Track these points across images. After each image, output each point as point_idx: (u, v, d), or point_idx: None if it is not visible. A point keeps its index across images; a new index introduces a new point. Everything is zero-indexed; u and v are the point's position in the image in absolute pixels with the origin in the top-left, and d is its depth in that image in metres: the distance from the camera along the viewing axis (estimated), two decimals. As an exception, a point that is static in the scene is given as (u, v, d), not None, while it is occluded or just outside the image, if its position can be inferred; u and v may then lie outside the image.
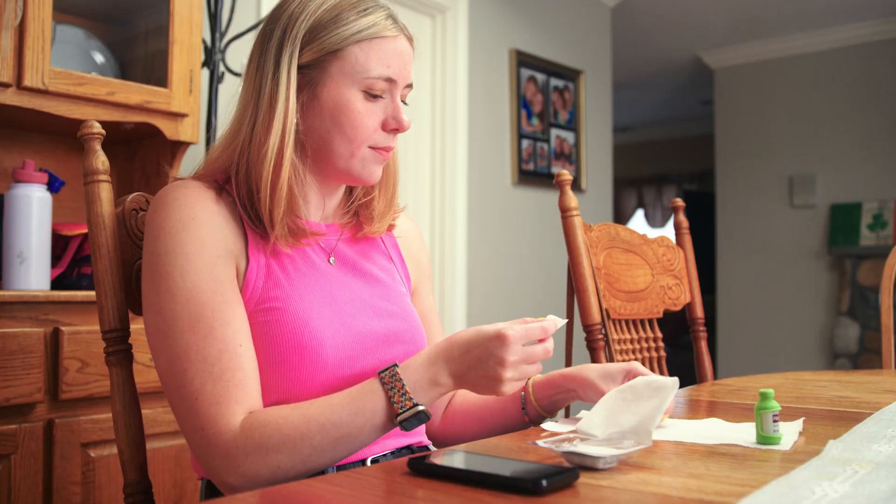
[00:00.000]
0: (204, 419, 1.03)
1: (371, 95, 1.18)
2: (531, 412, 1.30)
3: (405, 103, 1.24)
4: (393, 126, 1.21)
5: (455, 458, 0.87)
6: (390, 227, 1.36)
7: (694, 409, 1.37)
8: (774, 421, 1.02)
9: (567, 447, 0.89)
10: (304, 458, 1.02)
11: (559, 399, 1.28)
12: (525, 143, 4.44)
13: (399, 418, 1.02)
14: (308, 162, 1.21)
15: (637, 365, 1.22)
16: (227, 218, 1.14)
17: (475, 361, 1.04)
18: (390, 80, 1.19)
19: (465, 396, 1.41)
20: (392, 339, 1.22)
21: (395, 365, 1.06)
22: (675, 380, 0.96)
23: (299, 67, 1.17)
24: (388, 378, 1.04)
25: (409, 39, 1.24)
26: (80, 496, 1.87)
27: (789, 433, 1.07)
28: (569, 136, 4.77)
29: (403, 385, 1.03)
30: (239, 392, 1.04)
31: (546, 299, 4.53)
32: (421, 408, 1.02)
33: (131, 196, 1.26)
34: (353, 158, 1.19)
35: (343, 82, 1.17)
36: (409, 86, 1.24)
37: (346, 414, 1.03)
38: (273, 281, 1.14)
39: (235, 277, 1.12)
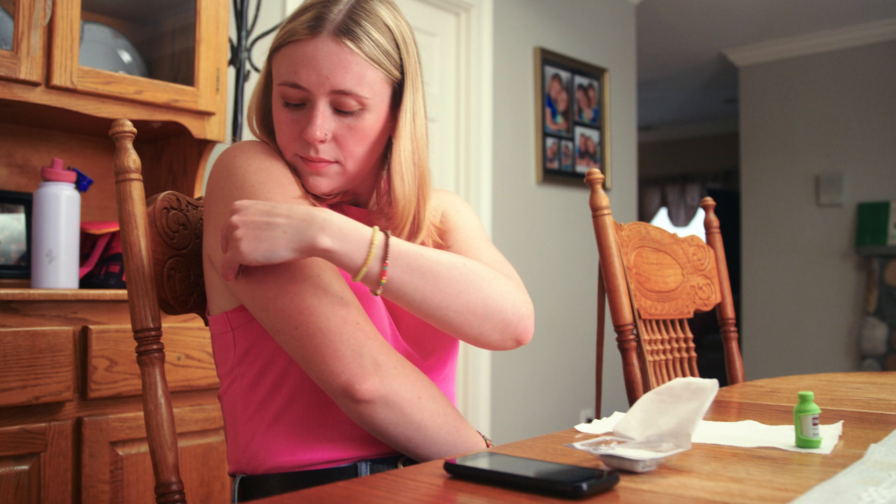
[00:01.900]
0: (358, 314, 1.06)
1: (289, 104, 1.16)
2: None
3: (341, 111, 1.15)
4: (304, 136, 1.15)
5: (492, 460, 0.86)
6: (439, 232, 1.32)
7: (725, 411, 1.35)
8: (814, 424, 1.00)
9: (604, 450, 0.88)
10: (441, 412, 1.09)
11: None
12: (549, 141, 4.42)
13: None
14: None
15: None
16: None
17: None
18: (299, 88, 1.14)
19: None
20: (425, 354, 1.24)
21: None
22: (715, 382, 0.94)
23: (269, 70, 1.22)
24: None
25: (337, 39, 1.12)
26: (108, 494, 1.87)
27: (829, 436, 1.05)
28: (593, 135, 4.74)
29: None
30: None
31: (571, 298, 4.51)
32: None
33: (162, 195, 1.26)
34: (291, 165, 1.20)
35: (274, 88, 1.19)
36: (343, 92, 1.13)
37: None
38: None
39: None
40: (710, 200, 2.00)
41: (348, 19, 1.13)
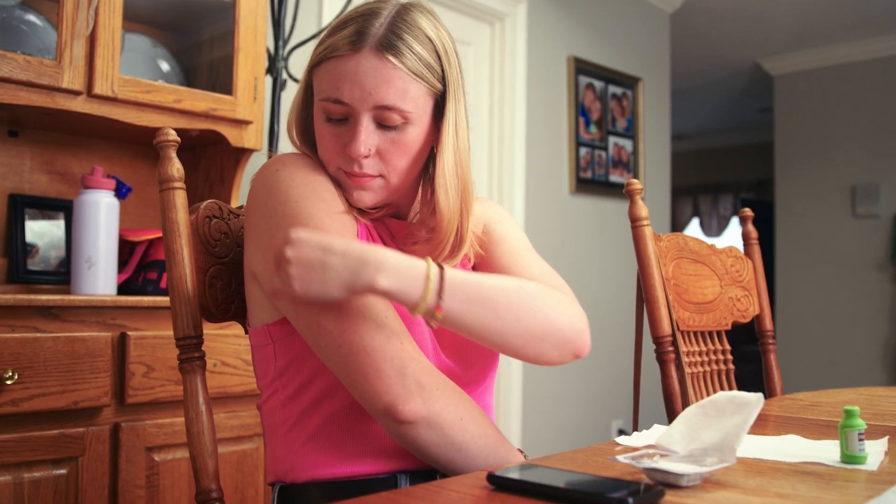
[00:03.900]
0: (402, 335, 1.07)
1: (331, 119, 1.16)
2: None
3: (385, 126, 1.15)
4: (347, 151, 1.15)
5: (535, 472, 0.86)
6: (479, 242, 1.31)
7: (765, 424, 1.34)
8: (860, 440, 0.99)
9: (648, 463, 0.87)
10: (482, 433, 1.08)
11: None
12: (583, 150, 4.41)
13: None
14: None
15: None
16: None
17: None
18: (341, 103, 1.13)
19: None
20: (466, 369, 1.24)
21: None
22: (760, 396, 0.93)
23: (309, 83, 1.23)
24: None
25: (379, 55, 1.11)
26: (144, 500, 1.88)
27: (875, 452, 1.04)
28: (627, 144, 4.72)
29: None
30: None
31: (604, 308, 4.49)
32: None
33: (205, 203, 1.27)
34: (334, 179, 1.20)
35: (315, 103, 1.18)
36: (386, 107, 1.13)
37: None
38: None
39: None
40: (748, 211, 1.98)
41: (390, 33, 1.13)
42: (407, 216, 1.29)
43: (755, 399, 0.93)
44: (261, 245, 1.13)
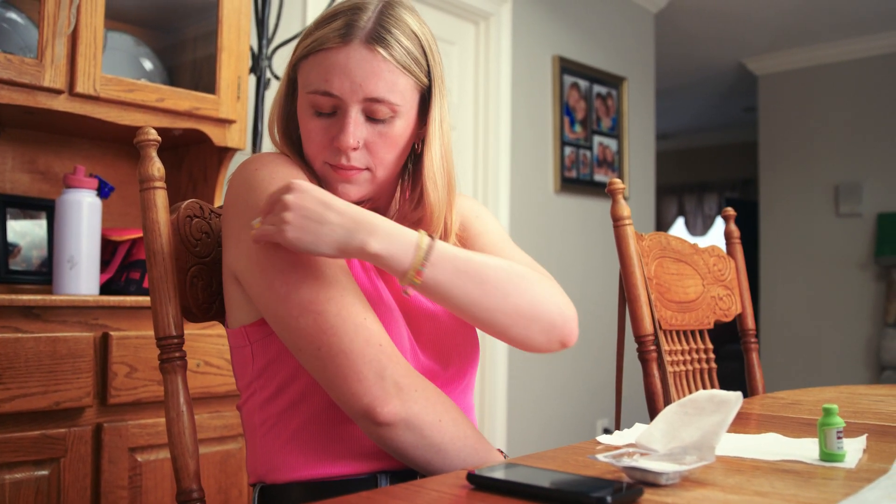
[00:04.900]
0: (381, 336, 1.05)
1: (319, 112, 1.15)
2: None
3: (373, 119, 1.15)
4: (335, 143, 1.15)
5: (515, 471, 0.86)
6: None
7: (746, 423, 1.34)
8: (839, 437, 1.00)
9: (628, 462, 0.87)
10: (461, 435, 1.07)
11: None
12: (568, 150, 4.42)
13: None
14: None
15: None
16: None
17: None
18: (330, 95, 1.13)
19: None
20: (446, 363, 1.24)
21: None
22: (739, 394, 0.94)
23: (292, 78, 1.22)
24: None
25: (369, 47, 1.12)
26: (127, 500, 1.88)
27: (853, 450, 1.05)
28: (611, 144, 4.74)
29: None
30: None
31: (587, 307, 4.49)
32: None
33: (185, 203, 1.26)
34: (319, 174, 1.19)
35: (301, 97, 1.17)
36: (376, 99, 1.13)
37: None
38: (355, 271, 1.17)
39: None
40: (730, 211, 1.99)
41: (379, 26, 1.13)
42: (386, 212, 1.29)
43: (734, 397, 0.94)
44: (241, 243, 1.12)
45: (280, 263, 1.07)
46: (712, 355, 1.83)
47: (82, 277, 2.00)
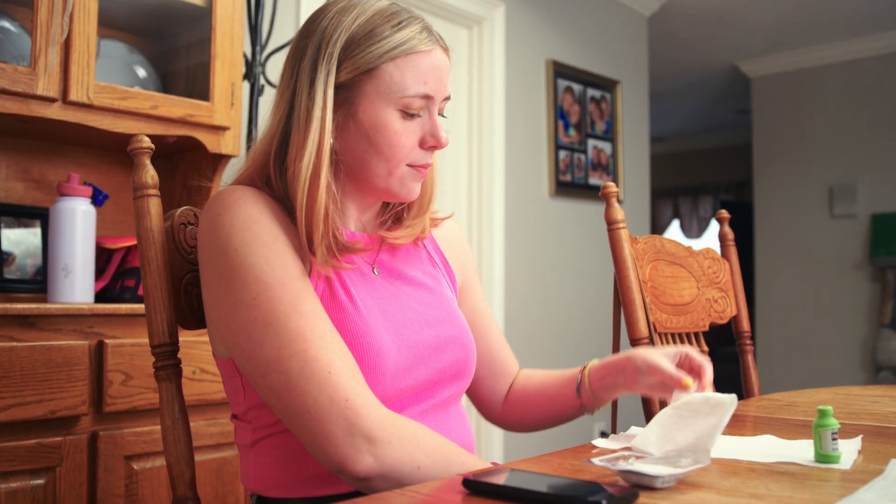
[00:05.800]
0: (347, 390, 1.01)
1: (408, 114, 1.15)
2: (584, 396, 1.33)
3: (443, 116, 1.21)
4: (431, 143, 1.17)
5: (510, 476, 0.86)
6: (432, 224, 1.36)
7: (742, 425, 1.35)
8: (833, 439, 1.00)
9: (623, 465, 0.87)
10: (444, 473, 1.03)
11: (610, 382, 1.30)
12: (562, 153, 4.42)
13: None
14: (345, 179, 1.20)
15: (689, 350, 1.24)
16: (287, 221, 1.14)
17: None
18: (427, 97, 1.16)
19: (526, 382, 1.42)
20: (442, 346, 1.21)
21: None
22: (734, 397, 0.94)
23: (335, 87, 1.14)
24: None
25: (445, 50, 1.19)
26: (123, 508, 1.87)
27: (848, 451, 1.05)
28: (606, 147, 4.74)
29: None
30: (362, 373, 1.07)
31: (582, 310, 4.50)
32: None
33: (179, 210, 1.27)
34: (391, 177, 1.17)
35: (379, 102, 1.14)
36: (447, 98, 1.20)
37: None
38: (332, 289, 1.14)
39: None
40: (724, 213, 1.99)
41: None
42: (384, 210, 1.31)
43: (729, 400, 0.94)
44: (213, 297, 1.11)
45: (241, 320, 1.05)
46: (708, 357, 1.83)
47: (77, 285, 2.00)
